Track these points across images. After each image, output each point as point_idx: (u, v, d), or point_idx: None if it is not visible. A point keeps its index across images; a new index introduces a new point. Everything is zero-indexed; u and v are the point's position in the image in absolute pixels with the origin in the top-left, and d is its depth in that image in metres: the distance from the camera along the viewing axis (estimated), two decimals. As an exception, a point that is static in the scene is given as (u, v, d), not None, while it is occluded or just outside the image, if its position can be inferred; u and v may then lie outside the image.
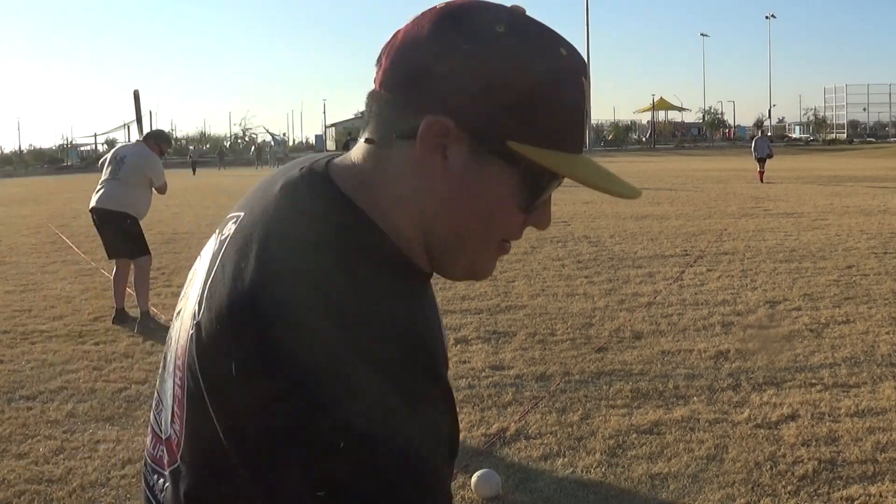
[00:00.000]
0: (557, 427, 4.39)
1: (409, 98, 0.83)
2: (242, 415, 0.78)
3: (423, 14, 0.86)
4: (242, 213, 0.92)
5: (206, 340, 0.81)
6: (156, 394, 1.02)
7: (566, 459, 3.98)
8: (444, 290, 8.15)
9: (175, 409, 0.89)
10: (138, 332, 6.62)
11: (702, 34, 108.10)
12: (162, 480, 0.95)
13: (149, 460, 1.00)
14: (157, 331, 6.60)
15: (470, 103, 0.81)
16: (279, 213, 0.87)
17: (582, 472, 3.84)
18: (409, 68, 0.83)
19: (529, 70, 0.82)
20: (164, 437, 0.95)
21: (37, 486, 3.81)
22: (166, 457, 0.93)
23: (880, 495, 3.53)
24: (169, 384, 0.92)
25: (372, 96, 0.87)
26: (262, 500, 0.79)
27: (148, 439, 1.02)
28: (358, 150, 0.89)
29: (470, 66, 0.81)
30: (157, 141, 7.47)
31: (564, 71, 0.84)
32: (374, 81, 0.87)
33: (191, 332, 0.84)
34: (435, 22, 0.84)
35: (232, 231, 0.90)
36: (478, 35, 0.82)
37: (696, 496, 3.59)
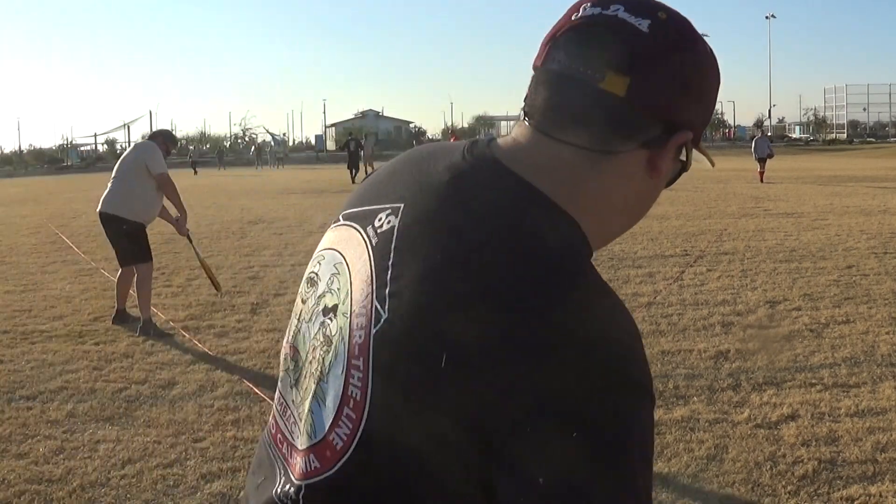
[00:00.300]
0: (557, 427, 4.38)
1: (657, 109, 0.87)
2: (457, 412, 0.76)
3: (651, 19, 0.88)
4: (401, 205, 0.90)
5: (403, 340, 0.81)
6: (279, 397, 1.00)
7: (566, 459, 3.98)
8: (444, 290, 8.15)
9: (347, 411, 0.85)
10: (139, 335, 6.61)
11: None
12: (289, 487, 0.91)
13: (291, 467, 0.95)
14: (157, 334, 6.60)
15: (700, 114, 0.91)
16: (466, 209, 0.87)
17: (582, 472, 3.83)
18: (666, 83, 0.87)
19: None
20: (304, 445, 0.91)
21: (37, 486, 3.81)
22: (312, 464, 0.88)
23: (880, 495, 3.53)
24: (332, 385, 0.87)
25: (597, 98, 0.86)
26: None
27: (283, 441, 0.98)
28: (550, 146, 0.89)
29: (706, 83, 0.91)
30: (165, 140, 7.36)
31: None
32: (589, 79, 0.86)
33: (373, 329, 0.83)
34: (675, 32, 0.90)
35: (396, 224, 0.89)
36: (707, 54, 0.92)
37: (696, 496, 3.59)
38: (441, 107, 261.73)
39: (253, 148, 66.64)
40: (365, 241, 0.91)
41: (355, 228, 0.95)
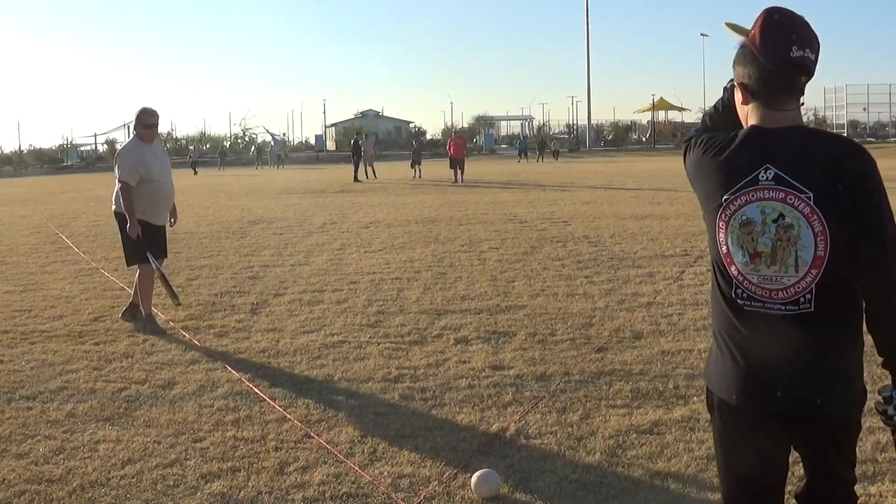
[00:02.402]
0: (557, 427, 4.39)
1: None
2: (863, 212, 1.95)
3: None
4: (765, 165, 2.00)
5: (821, 190, 1.94)
6: (752, 283, 2.03)
7: (566, 459, 3.98)
8: (444, 290, 8.15)
9: (819, 239, 1.94)
10: (139, 333, 6.62)
11: (702, 34, 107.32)
12: (788, 304, 2.00)
13: (780, 305, 2.01)
14: (153, 331, 6.61)
15: None
16: (808, 139, 2.02)
17: (582, 472, 3.84)
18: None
19: None
20: (801, 273, 1.98)
21: (37, 486, 3.81)
22: (811, 275, 1.97)
23: (880, 495, 3.53)
24: (804, 236, 1.95)
25: (800, 88, 2.04)
26: (867, 239, 1.95)
27: (761, 290, 2.03)
28: (793, 112, 2.04)
29: None
30: (137, 124, 6.88)
31: None
32: (809, 71, 2.02)
33: (811, 201, 1.95)
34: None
35: (776, 169, 1.99)
36: None
37: (696, 496, 3.59)
38: (441, 107, 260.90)
39: (253, 148, 66.50)
40: (768, 187, 1.99)
41: (750, 190, 2.00)
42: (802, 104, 2.06)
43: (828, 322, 2.03)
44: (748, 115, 2.11)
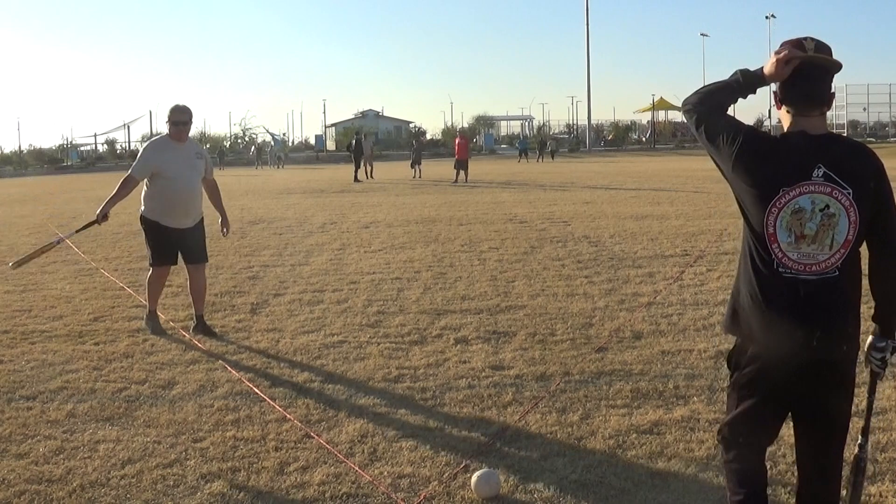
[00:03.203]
0: (557, 427, 4.39)
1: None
2: (884, 201, 2.53)
3: None
4: (818, 164, 2.46)
5: (858, 188, 2.46)
6: (791, 257, 2.51)
7: (566, 459, 3.98)
8: (444, 290, 8.15)
9: (851, 227, 2.46)
10: (139, 333, 6.62)
11: (702, 34, 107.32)
12: (819, 276, 2.50)
13: (813, 275, 2.50)
14: (153, 328, 6.64)
15: None
16: (847, 149, 2.55)
17: (582, 472, 3.84)
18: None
19: None
20: (834, 249, 2.48)
21: (37, 486, 3.81)
22: (841, 253, 2.48)
23: (880, 495, 3.53)
24: (842, 223, 2.46)
25: (830, 96, 2.59)
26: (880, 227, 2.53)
27: (798, 265, 2.51)
28: (820, 119, 2.57)
29: None
30: (167, 120, 6.68)
31: None
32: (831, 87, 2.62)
33: (850, 196, 2.45)
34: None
35: (825, 168, 2.45)
36: None
37: (696, 496, 3.59)
38: (441, 107, 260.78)
39: (253, 148, 66.47)
40: (819, 183, 2.45)
41: (805, 184, 2.45)
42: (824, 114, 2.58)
43: (846, 284, 2.54)
44: (783, 117, 2.60)
